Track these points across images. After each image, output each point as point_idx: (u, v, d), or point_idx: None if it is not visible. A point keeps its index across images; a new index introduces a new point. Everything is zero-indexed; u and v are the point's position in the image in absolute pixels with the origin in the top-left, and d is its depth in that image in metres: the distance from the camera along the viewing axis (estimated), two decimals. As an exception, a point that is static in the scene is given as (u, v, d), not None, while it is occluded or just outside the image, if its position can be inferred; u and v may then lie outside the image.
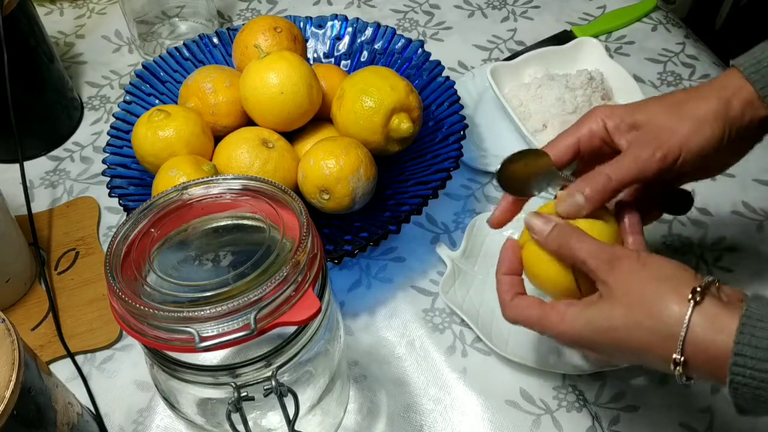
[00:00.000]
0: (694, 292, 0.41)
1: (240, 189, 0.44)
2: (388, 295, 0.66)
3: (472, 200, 0.73)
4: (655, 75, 0.83)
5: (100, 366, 0.62)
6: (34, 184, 0.77)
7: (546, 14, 0.92)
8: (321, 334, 0.44)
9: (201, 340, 0.36)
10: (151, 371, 0.46)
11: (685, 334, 0.40)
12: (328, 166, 0.60)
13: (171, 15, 0.90)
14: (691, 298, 0.40)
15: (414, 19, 0.93)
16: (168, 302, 0.38)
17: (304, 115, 0.65)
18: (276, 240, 0.41)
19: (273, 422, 0.48)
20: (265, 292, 0.37)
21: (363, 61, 0.77)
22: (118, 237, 0.41)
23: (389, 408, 0.59)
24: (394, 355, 0.62)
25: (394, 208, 0.64)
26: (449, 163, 0.64)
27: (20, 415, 0.42)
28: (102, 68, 0.89)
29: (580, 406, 0.58)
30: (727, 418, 0.57)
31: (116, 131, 0.69)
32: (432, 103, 0.71)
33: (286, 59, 0.64)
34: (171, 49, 0.76)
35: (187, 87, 0.68)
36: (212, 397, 0.44)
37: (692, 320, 0.40)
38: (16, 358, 0.43)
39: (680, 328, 0.40)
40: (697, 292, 0.40)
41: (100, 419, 0.59)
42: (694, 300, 0.40)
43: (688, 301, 0.40)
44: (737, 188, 0.72)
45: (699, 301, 0.40)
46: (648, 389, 0.58)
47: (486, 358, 0.61)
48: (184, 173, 0.59)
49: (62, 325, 0.64)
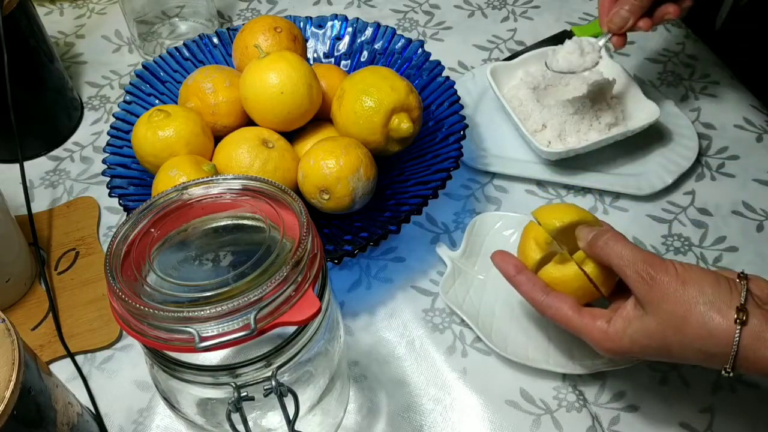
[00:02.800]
0: (738, 311, 0.44)
1: (240, 189, 0.44)
2: (388, 295, 0.66)
3: (472, 200, 0.73)
4: (655, 75, 0.83)
5: (100, 366, 0.62)
6: (34, 184, 0.77)
7: (546, 14, 0.92)
8: (321, 334, 0.44)
9: (201, 340, 0.36)
10: (151, 371, 0.46)
11: (736, 353, 0.44)
12: (328, 166, 0.60)
13: (171, 15, 0.90)
14: (736, 318, 0.44)
15: (414, 19, 0.93)
16: (168, 302, 0.38)
17: (304, 115, 0.65)
18: (276, 240, 0.41)
19: (273, 422, 0.48)
20: (265, 292, 0.37)
21: (363, 61, 0.77)
22: (118, 237, 0.41)
23: (389, 408, 0.59)
24: (394, 355, 0.62)
25: (394, 208, 0.64)
26: (449, 163, 0.64)
27: (20, 415, 0.42)
28: (102, 68, 0.89)
29: (580, 406, 0.58)
30: (727, 418, 0.57)
31: (116, 131, 0.69)
32: (432, 103, 0.71)
33: (286, 59, 0.64)
34: (171, 49, 0.76)
35: (187, 87, 0.68)
36: (212, 397, 0.44)
37: (741, 342, 0.44)
38: (16, 358, 0.43)
39: (730, 348, 0.44)
40: (741, 311, 0.44)
41: (100, 419, 0.59)
42: (740, 321, 0.44)
43: (735, 322, 0.44)
44: (737, 188, 0.72)
45: (745, 322, 0.44)
46: (648, 389, 0.59)
47: (486, 358, 0.61)
48: (184, 173, 0.59)
49: (62, 325, 0.64)
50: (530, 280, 0.54)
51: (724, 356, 0.44)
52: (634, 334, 0.48)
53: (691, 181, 0.73)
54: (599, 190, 0.72)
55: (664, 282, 0.46)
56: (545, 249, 0.55)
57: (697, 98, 0.81)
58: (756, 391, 0.58)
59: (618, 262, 0.49)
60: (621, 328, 0.48)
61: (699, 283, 0.46)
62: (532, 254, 0.55)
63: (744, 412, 0.57)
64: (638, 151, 0.74)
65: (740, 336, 0.43)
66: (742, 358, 0.44)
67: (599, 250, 0.51)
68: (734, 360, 0.44)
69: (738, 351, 0.44)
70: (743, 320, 0.44)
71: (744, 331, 0.44)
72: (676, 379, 0.59)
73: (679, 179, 0.72)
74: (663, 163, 0.73)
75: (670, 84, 0.82)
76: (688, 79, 0.83)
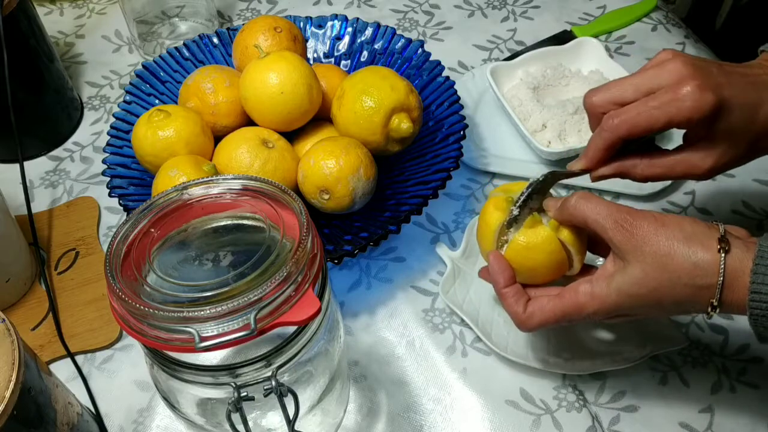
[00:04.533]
0: (720, 241, 0.44)
1: (240, 189, 0.44)
2: (388, 295, 0.66)
3: (472, 200, 0.73)
4: (655, 75, 0.83)
5: (100, 366, 0.62)
6: (34, 184, 0.77)
7: (546, 14, 0.92)
8: (321, 334, 0.44)
9: (201, 340, 0.36)
10: (151, 371, 0.46)
11: (722, 282, 0.44)
12: (328, 166, 0.60)
13: (171, 15, 0.90)
14: (719, 248, 0.44)
15: (414, 19, 0.93)
16: (168, 302, 0.38)
17: (304, 115, 0.65)
18: (276, 240, 0.41)
19: (273, 422, 0.48)
20: (265, 292, 0.37)
21: (363, 61, 0.77)
22: (118, 237, 0.41)
23: (389, 408, 0.59)
24: (394, 355, 0.62)
25: (394, 208, 0.64)
26: (449, 163, 0.64)
27: (20, 415, 0.42)
28: (102, 68, 0.89)
29: (580, 406, 0.58)
30: (727, 418, 0.57)
31: (116, 131, 0.69)
32: (432, 103, 0.71)
33: (286, 59, 0.64)
34: (171, 49, 0.76)
35: (187, 87, 0.68)
36: (212, 397, 0.44)
37: (726, 270, 0.44)
38: (16, 358, 0.43)
39: (716, 278, 0.44)
40: (722, 241, 0.44)
41: (100, 419, 0.59)
42: (723, 250, 0.44)
43: (718, 252, 0.44)
44: (737, 188, 0.72)
45: (728, 250, 0.44)
46: (648, 389, 0.59)
47: (486, 358, 0.61)
48: (184, 173, 0.59)
49: (62, 325, 0.64)
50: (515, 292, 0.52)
51: (711, 288, 0.44)
52: (620, 286, 0.47)
53: (691, 181, 0.73)
54: (599, 190, 0.72)
55: (644, 227, 0.46)
56: (505, 210, 0.53)
57: (697, 98, 0.81)
58: (756, 391, 0.58)
59: (594, 217, 0.48)
60: (605, 284, 0.48)
61: (678, 223, 0.46)
62: (493, 220, 0.53)
63: (744, 412, 0.57)
64: (638, 151, 0.74)
65: (725, 264, 0.44)
66: (728, 287, 0.44)
67: (572, 210, 0.50)
68: (721, 290, 0.44)
69: (724, 279, 0.44)
70: (726, 249, 0.44)
71: (728, 258, 0.44)
72: (676, 379, 0.59)
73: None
74: (663, 163, 0.73)
75: (670, 84, 0.82)
76: (688, 79, 0.83)
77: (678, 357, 0.60)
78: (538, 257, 0.52)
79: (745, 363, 0.60)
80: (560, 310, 0.50)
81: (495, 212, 0.54)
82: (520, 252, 0.52)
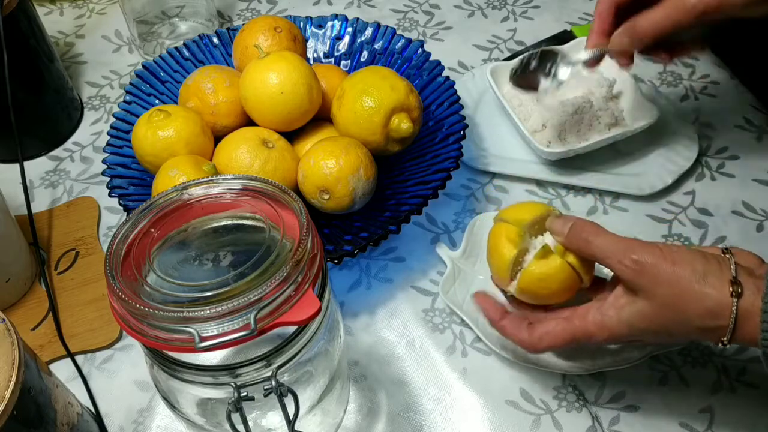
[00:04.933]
0: (732, 284, 0.45)
1: (240, 189, 0.44)
2: (388, 295, 0.66)
3: (472, 200, 0.73)
4: (655, 75, 0.83)
5: (100, 366, 0.62)
6: (34, 184, 0.77)
7: (546, 14, 0.92)
8: (321, 334, 0.44)
9: (201, 340, 0.36)
10: (151, 371, 0.46)
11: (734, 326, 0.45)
12: (328, 166, 0.60)
13: (171, 15, 0.90)
14: (732, 291, 0.45)
15: (414, 19, 0.93)
16: (168, 302, 0.38)
17: (304, 115, 0.65)
18: (276, 240, 0.41)
19: (273, 422, 0.48)
20: (265, 292, 0.37)
21: (363, 61, 0.77)
22: (118, 237, 0.41)
23: (389, 408, 0.59)
24: (394, 355, 0.62)
25: (394, 208, 0.64)
26: (449, 163, 0.64)
27: (20, 415, 0.42)
28: (102, 68, 0.89)
29: (580, 406, 0.58)
30: (727, 418, 0.57)
31: (116, 131, 0.69)
32: (432, 103, 0.71)
33: (286, 59, 0.64)
34: (171, 49, 0.76)
35: (187, 87, 0.68)
36: (212, 397, 0.44)
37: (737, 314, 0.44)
38: (16, 358, 0.43)
39: (728, 321, 0.45)
40: (735, 284, 0.45)
41: (100, 419, 0.59)
42: (735, 294, 0.45)
43: (731, 296, 0.45)
44: (737, 188, 0.72)
45: (740, 294, 0.44)
46: (648, 389, 0.59)
47: (486, 358, 0.61)
48: (184, 173, 0.59)
49: (62, 325, 0.64)
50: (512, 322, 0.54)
51: (722, 329, 0.45)
52: (631, 320, 0.48)
53: (691, 181, 0.73)
54: (599, 190, 0.72)
55: (653, 266, 0.47)
56: (518, 243, 0.55)
57: (697, 98, 0.81)
58: (756, 391, 0.58)
59: (601, 256, 0.50)
60: (615, 316, 0.49)
61: (690, 263, 0.46)
62: (506, 252, 0.55)
63: (744, 412, 0.57)
64: (638, 151, 0.74)
65: (737, 308, 0.44)
66: (739, 329, 0.45)
67: (582, 244, 0.51)
68: (732, 333, 0.45)
69: (735, 323, 0.45)
70: (738, 293, 0.45)
71: (739, 303, 0.44)
72: (676, 379, 0.59)
73: (679, 179, 0.72)
74: (663, 163, 0.73)
75: (670, 84, 0.82)
76: (688, 79, 0.83)
77: (678, 357, 0.60)
78: (551, 286, 0.54)
79: (745, 363, 0.60)
80: (569, 334, 0.51)
81: (508, 244, 0.55)
82: (533, 282, 0.54)
